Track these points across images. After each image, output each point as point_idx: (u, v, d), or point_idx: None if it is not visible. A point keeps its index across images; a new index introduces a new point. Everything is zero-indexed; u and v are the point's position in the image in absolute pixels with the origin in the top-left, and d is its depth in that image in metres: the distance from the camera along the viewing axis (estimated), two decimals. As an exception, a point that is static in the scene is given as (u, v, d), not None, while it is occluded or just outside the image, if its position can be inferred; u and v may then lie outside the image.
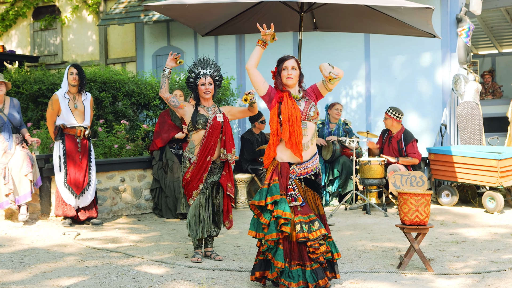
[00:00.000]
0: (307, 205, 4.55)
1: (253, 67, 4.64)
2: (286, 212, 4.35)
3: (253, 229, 4.53)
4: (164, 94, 5.48)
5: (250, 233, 4.54)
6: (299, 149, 4.50)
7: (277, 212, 4.37)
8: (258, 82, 4.66)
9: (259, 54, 4.66)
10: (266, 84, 4.69)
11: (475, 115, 9.57)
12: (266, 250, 4.44)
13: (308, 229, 4.42)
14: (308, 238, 4.39)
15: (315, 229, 4.43)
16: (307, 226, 4.43)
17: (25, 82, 9.06)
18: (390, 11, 6.71)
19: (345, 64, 10.36)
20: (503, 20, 14.49)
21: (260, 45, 4.66)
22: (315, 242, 4.40)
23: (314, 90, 4.73)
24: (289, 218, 4.36)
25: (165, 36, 12.05)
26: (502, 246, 6.00)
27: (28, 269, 5.07)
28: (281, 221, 4.36)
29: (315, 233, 4.41)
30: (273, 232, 4.37)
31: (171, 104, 5.51)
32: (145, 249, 6.00)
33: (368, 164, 8.27)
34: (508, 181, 8.09)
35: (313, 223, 4.45)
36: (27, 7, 14.00)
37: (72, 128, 7.21)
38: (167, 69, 5.47)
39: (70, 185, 7.15)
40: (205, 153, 5.39)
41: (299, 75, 4.71)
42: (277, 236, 4.37)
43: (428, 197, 4.99)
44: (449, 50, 9.74)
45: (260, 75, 4.67)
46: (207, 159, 5.41)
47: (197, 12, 6.97)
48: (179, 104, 5.51)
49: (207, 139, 5.40)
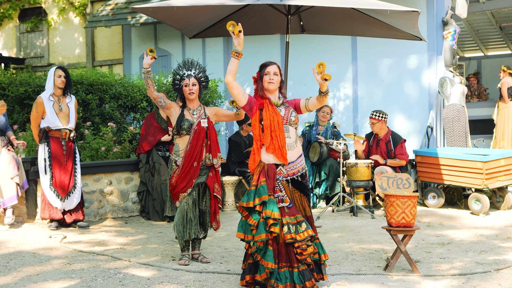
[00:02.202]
0: (294, 206, 4.57)
1: (232, 80, 4.67)
2: (275, 213, 4.37)
3: (241, 231, 4.53)
4: (152, 93, 5.47)
5: (239, 235, 4.54)
6: (282, 152, 4.54)
7: (266, 212, 4.38)
8: (239, 94, 4.70)
9: (235, 66, 4.68)
10: (246, 94, 4.74)
11: (461, 117, 9.64)
12: (255, 251, 4.45)
13: (296, 230, 4.44)
14: (295, 239, 4.40)
15: (303, 230, 4.45)
16: (295, 227, 4.45)
17: (11, 84, 8.99)
18: (377, 14, 6.74)
19: (332, 67, 10.39)
20: (489, 24, 14.63)
21: (234, 56, 4.67)
22: (303, 243, 4.41)
23: (296, 104, 4.77)
24: (278, 219, 4.38)
25: (152, 38, 12.02)
26: (487, 247, 6.04)
27: (13, 273, 5.03)
28: (270, 222, 4.37)
29: (303, 234, 4.43)
30: (262, 233, 4.38)
31: (158, 104, 5.51)
32: (132, 252, 5.97)
33: (355, 166, 8.29)
34: (494, 183, 8.15)
35: (300, 224, 4.47)
36: (13, 9, 13.90)
37: (57, 130, 7.17)
38: (145, 69, 5.44)
39: (55, 188, 7.11)
40: (192, 159, 5.39)
41: (280, 81, 4.75)
42: (267, 237, 4.38)
43: (414, 199, 5.02)
44: (435, 53, 9.80)
45: (239, 87, 4.71)
46: (194, 165, 5.40)
47: (185, 14, 6.97)
48: (166, 105, 5.51)
49: (191, 144, 5.40)
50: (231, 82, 4.66)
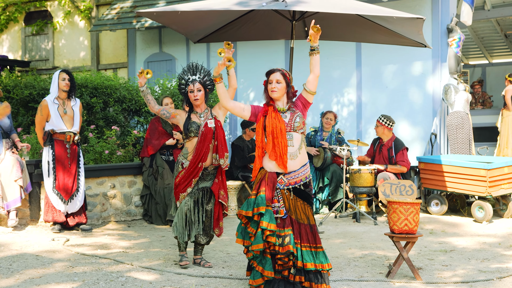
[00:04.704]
0: (288, 218, 4.56)
1: (228, 102, 4.78)
2: (271, 224, 4.43)
3: (240, 237, 4.62)
4: (153, 108, 5.54)
5: (238, 241, 4.62)
6: (283, 160, 4.54)
7: (263, 224, 4.44)
8: (239, 110, 4.77)
9: (224, 90, 4.78)
10: (247, 107, 4.78)
11: (465, 124, 9.62)
12: (252, 258, 4.52)
13: (281, 242, 4.45)
14: (278, 251, 4.44)
15: (285, 244, 4.46)
16: (281, 239, 4.46)
17: (15, 87, 9.03)
18: (381, 21, 6.75)
19: (336, 73, 10.40)
20: (494, 31, 14.62)
21: (219, 82, 4.78)
22: (284, 256, 4.44)
23: (301, 99, 4.75)
24: (273, 230, 4.42)
25: (157, 43, 12.06)
26: (490, 255, 6.03)
27: (16, 275, 5.04)
28: (267, 233, 4.42)
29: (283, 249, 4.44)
30: (260, 243, 4.44)
31: (163, 116, 5.57)
32: (134, 255, 5.98)
33: (358, 172, 8.29)
34: (497, 191, 8.14)
35: (284, 238, 4.48)
36: (18, 12, 13.97)
37: (61, 133, 7.19)
38: (141, 88, 5.53)
39: (58, 191, 7.12)
40: (198, 159, 5.40)
41: (286, 87, 4.72)
42: (264, 246, 4.45)
43: (417, 206, 5.02)
44: (439, 60, 9.80)
45: (237, 105, 4.78)
46: (199, 165, 5.42)
47: (189, 19, 6.98)
48: (170, 115, 5.55)
49: (198, 145, 5.41)
50: (227, 104, 4.77)
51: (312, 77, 4.68)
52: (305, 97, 4.73)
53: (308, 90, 4.69)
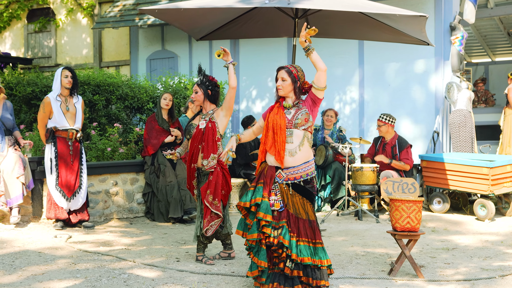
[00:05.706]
0: (285, 211, 4.56)
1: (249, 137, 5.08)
2: (267, 215, 4.46)
3: (240, 228, 4.68)
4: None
5: (238, 232, 4.67)
6: (280, 156, 4.59)
7: (259, 214, 4.47)
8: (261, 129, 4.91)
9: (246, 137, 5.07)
10: (261, 119, 4.91)
11: (467, 123, 9.61)
12: (248, 249, 4.58)
13: (276, 235, 4.48)
14: (272, 243, 4.47)
15: (277, 235, 4.47)
16: (276, 232, 4.48)
17: (18, 84, 9.03)
18: (384, 19, 6.74)
19: (339, 71, 10.40)
20: (497, 29, 14.58)
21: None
22: (277, 248, 4.47)
23: (311, 95, 4.76)
24: (269, 221, 4.45)
25: (159, 40, 12.06)
26: (492, 253, 6.03)
27: (19, 272, 5.05)
28: (262, 223, 4.47)
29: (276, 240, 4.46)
30: (254, 233, 4.49)
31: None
32: (136, 252, 5.99)
33: (361, 170, 8.29)
34: (499, 189, 8.13)
35: (278, 230, 4.49)
36: (21, 9, 13.98)
37: (64, 130, 7.19)
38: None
39: (61, 188, 7.13)
40: (190, 160, 5.55)
41: (292, 84, 4.72)
42: (258, 236, 4.48)
43: (419, 204, 5.01)
44: (442, 58, 9.79)
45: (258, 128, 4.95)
46: (191, 166, 5.54)
47: (192, 16, 6.98)
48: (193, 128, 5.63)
49: (189, 146, 5.57)
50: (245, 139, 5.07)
51: (318, 73, 4.69)
52: (315, 93, 4.74)
53: (316, 86, 4.70)
